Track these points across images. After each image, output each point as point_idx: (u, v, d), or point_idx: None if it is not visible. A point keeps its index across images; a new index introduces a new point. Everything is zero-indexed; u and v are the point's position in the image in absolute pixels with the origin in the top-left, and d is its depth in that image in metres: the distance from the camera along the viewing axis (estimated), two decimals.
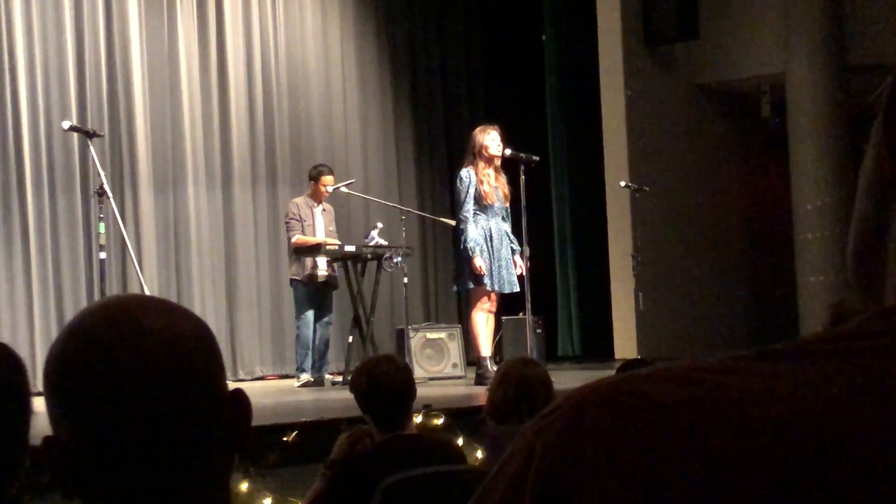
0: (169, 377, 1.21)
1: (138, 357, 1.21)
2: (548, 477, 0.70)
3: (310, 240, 9.69)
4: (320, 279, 9.82)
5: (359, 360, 8.09)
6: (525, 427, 0.73)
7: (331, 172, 10.01)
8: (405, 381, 4.05)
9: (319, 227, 9.88)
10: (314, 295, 9.85)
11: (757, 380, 0.70)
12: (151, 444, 1.21)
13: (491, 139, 9.06)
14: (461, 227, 9.10)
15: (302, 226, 9.77)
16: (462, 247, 9.11)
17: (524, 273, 9.10)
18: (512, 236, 9.18)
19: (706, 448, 0.67)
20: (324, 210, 9.97)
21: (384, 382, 3.98)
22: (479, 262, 8.92)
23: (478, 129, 9.26)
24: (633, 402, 0.70)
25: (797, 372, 0.70)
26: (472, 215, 9.01)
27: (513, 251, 9.13)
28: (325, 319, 9.96)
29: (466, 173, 9.07)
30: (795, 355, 0.71)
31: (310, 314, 9.81)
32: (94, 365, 1.21)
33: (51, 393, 1.24)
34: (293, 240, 9.74)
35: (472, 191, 9.00)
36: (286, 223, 9.92)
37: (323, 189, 9.86)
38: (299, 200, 9.96)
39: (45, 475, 1.24)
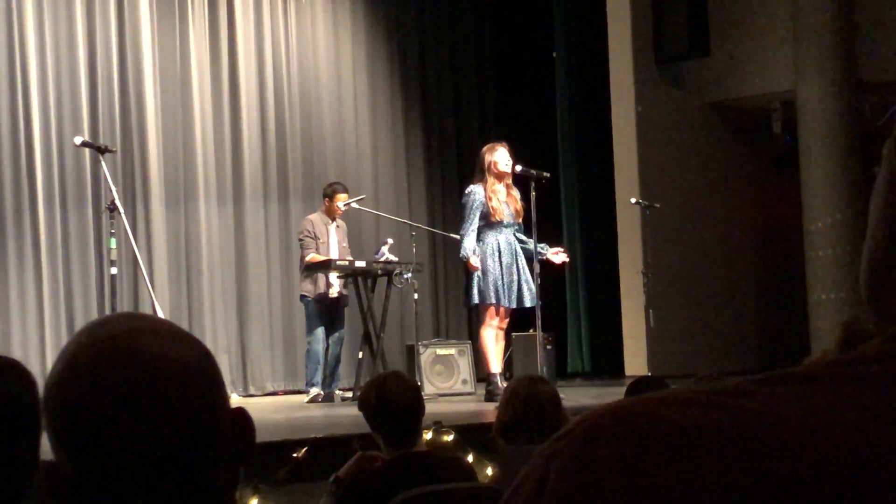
0: (168, 404, 1.20)
1: (135, 386, 1.19)
2: (562, 500, 0.69)
3: (323, 258, 9.70)
4: (332, 296, 9.83)
5: (369, 376, 8.09)
6: (539, 450, 0.73)
7: (345, 191, 10.03)
8: (413, 398, 4.04)
9: (333, 243, 9.89)
10: (325, 311, 9.86)
11: (774, 404, 0.69)
12: (152, 472, 1.19)
13: (500, 155, 9.06)
14: (461, 239, 9.10)
15: (316, 243, 9.79)
16: (460, 255, 9.12)
17: (567, 258, 9.24)
18: (526, 240, 9.12)
19: (724, 473, 0.67)
20: (337, 227, 9.99)
21: (392, 399, 3.97)
22: (475, 262, 8.92)
23: (485, 148, 9.27)
24: (649, 426, 0.69)
25: (815, 396, 0.70)
26: (473, 231, 8.99)
27: (541, 254, 9.08)
28: (337, 336, 9.96)
29: (473, 189, 9.06)
30: (812, 379, 0.71)
31: (320, 330, 9.81)
32: (92, 395, 1.19)
33: (50, 421, 1.23)
34: (307, 258, 9.75)
35: (477, 207, 8.99)
36: (300, 241, 9.93)
37: (337, 207, 9.89)
38: (314, 217, 9.97)
39: (53, 498, 1.24)
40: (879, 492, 0.65)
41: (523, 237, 9.18)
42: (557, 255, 9.21)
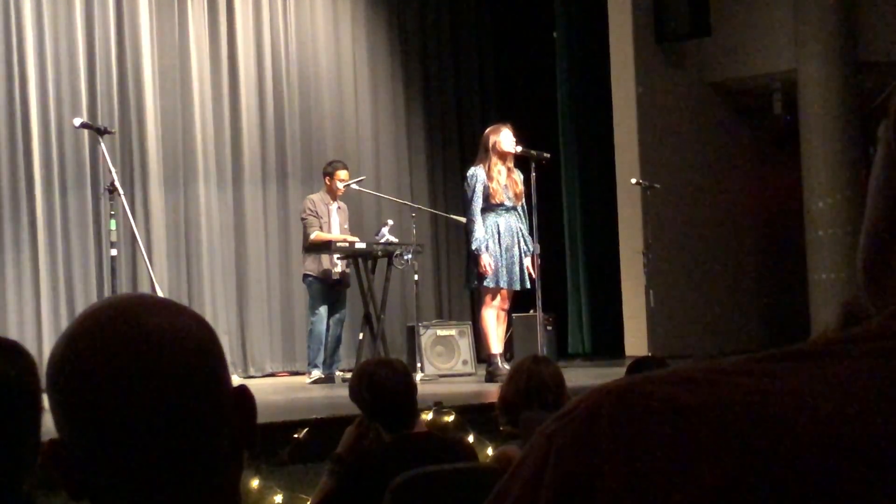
0: (171, 378, 1.20)
1: (140, 359, 1.20)
2: (563, 480, 0.69)
3: (328, 237, 9.69)
4: (335, 276, 9.82)
5: (370, 357, 8.10)
6: (540, 428, 0.73)
7: (345, 168, 10.01)
8: (405, 384, 4.04)
9: (335, 224, 9.88)
10: (328, 291, 9.86)
11: (775, 381, 0.69)
12: (156, 445, 1.20)
13: (504, 136, 9.06)
14: (469, 226, 9.11)
15: (319, 222, 9.78)
16: (470, 246, 9.13)
17: (534, 275, 9.08)
18: (527, 236, 9.15)
19: (725, 450, 0.67)
20: (339, 208, 9.97)
21: (385, 390, 3.97)
22: (487, 261, 8.92)
23: (490, 129, 9.27)
24: (651, 404, 0.69)
25: (815, 373, 0.70)
26: (479, 214, 9.00)
27: (526, 252, 9.10)
28: (338, 317, 9.96)
29: (473, 172, 9.07)
30: (812, 356, 0.71)
31: (323, 310, 9.81)
32: (96, 368, 1.20)
33: (53, 397, 1.23)
34: (312, 236, 9.72)
35: (479, 189, 8.99)
36: (303, 219, 9.90)
37: (337, 185, 9.86)
38: (315, 197, 9.96)
39: (55, 474, 1.24)
40: (881, 466, 0.65)
41: (527, 237, 9.15)
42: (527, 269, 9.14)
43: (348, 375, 9.66)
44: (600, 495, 0.68)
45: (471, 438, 6.26)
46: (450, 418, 6.66)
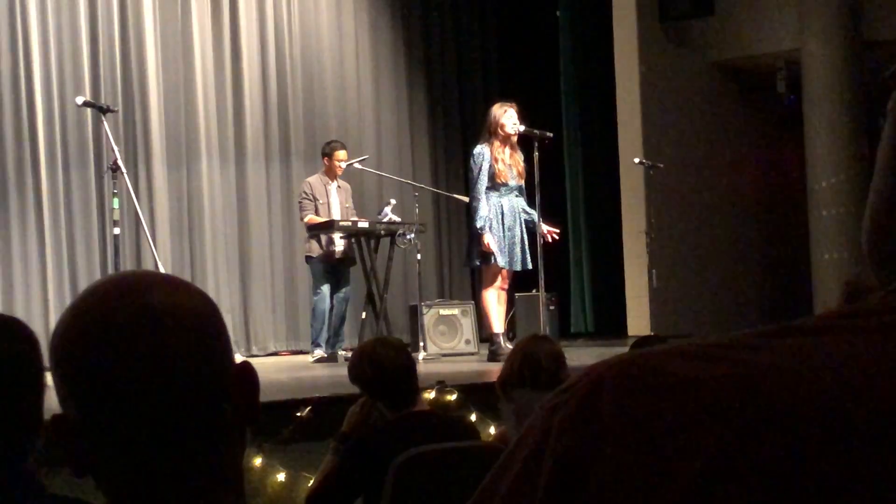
0: (175, 353, 1.21)
1: (144, 334, 1.20)
2: (565, 453, 0.69)
3: (319, 220, 9.68)
4: (337, 255, 9.82)
5: (372, 336, 8.10)
6: (541, 403, 0.73)
7: (343, 147, 10.00)
8: (406, 360, 4.05)
9: (335, 204, 9.87)
10: (331, 271, 9.86)
11: (776, 356, 0.69)
12: (159, 420, 1.20)
13: (508, 117, 9.04)
14: (473, 205, 9.10)
15: (315, 205, 9.77)
16: (473, 224, 9.13)
17: (554, 237, 9.12)
18: (529, 209, 9.14)
19: (725, 424, 0.67)
20: (339, 187, 9.96)
21: (387, 368, 3.97)
22: (488, 240, 8.92)
23: (496, 106, 9.23)
24: (652, 379, 0.69)
25: (816, 348, 0.69)
26: (484, 193, 9.00)
27: (532, 223, 9.09)
28: (342, 295, 9.96)
29: (480, 151, 9.05)
30: (814, 331, 0.71)
31: (325, 288, 9.82)
32: (99, 343, 1.20)
33: (58, 371, 1.23)
34: (304, 220, 9.74)
35: (485, 168, 8.99)
36: (299, 203, 9.93)
37: (336, 165, 9.86)
38: (313, 179, 9.96)
39: (58, 450, 1.24)
40: (878, 441, 0.65)
41: (527, 207, 9.16)
42: (548, 235, 9.16)
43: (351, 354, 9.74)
44: (602, 469, 0.68)
45: (473, 417, 6.28)
46: (452, 397, 6.67)
